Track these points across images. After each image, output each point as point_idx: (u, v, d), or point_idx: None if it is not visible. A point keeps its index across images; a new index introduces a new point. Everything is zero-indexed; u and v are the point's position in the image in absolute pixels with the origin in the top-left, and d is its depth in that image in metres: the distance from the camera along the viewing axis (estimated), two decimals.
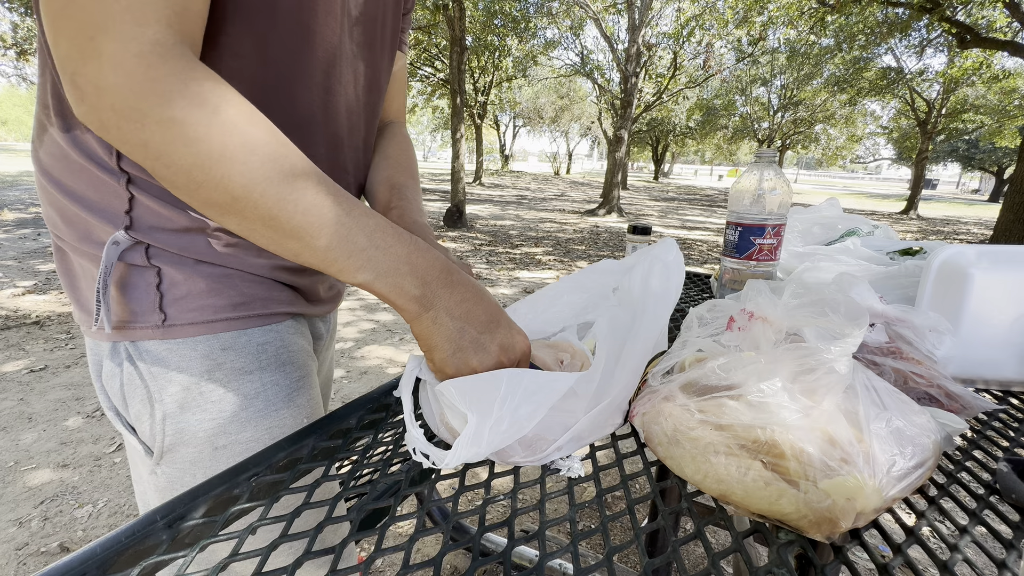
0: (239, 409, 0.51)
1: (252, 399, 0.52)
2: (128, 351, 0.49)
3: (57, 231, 0.49)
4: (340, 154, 0.58)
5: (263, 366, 0.53)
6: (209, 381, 0.50)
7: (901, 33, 9.58)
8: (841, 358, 0.38)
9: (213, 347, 0.50)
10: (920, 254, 0.80)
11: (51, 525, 1.53)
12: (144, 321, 0.48)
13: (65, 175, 0.47)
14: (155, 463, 0.51)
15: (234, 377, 0.51)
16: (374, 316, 3.50)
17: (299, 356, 0.57)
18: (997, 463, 0.41)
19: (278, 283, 0.55)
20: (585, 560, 0.32)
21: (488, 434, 0.38)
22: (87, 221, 0.47)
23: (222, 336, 0.51)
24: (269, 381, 0.53)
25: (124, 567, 0.32)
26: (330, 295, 0.66)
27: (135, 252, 0.47)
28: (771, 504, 0.34)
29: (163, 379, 0.49)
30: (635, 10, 9.49)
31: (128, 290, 0.48)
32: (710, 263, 6.02)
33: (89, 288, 0.49)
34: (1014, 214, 5.30)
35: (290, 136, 0.43)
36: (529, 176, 26.56)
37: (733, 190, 0.78)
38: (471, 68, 16.12)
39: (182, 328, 0.49)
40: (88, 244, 0.47)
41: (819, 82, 17.12)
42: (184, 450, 0.50)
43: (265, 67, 0.47)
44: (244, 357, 0.52)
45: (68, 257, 0.50)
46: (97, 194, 0.46)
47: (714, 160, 41.12)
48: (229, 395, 0.51)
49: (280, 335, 0.55)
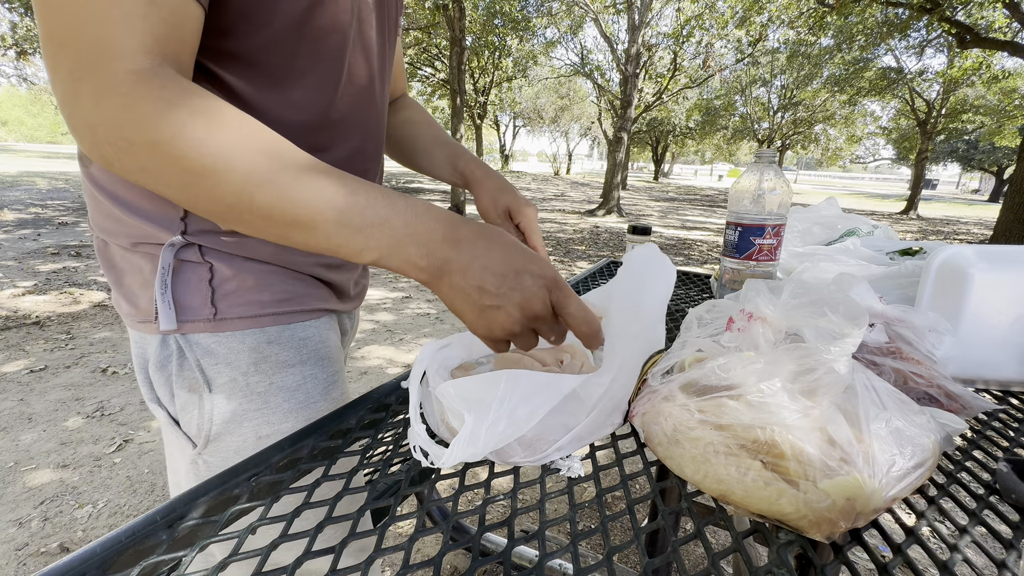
0: (282, 400, 0.54)
1: (294, 391, 0.55)
2: (179, 343, 0.50)
3: (106, 234, 0.52)
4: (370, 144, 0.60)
5: (304, 359, 0.55)
6: (256, 373, 0.52)
7: (901, 33, 9.59)
8: (841, 358, 0.38)
9: (260, 340, 0.52)
10: (920, 254, 0.80)
11: (51, 525, 1.53)
12: (196, 315, 0.50)
13: (119, 187, 0.49)
14: (198, 453, 0.53)
15: (278, 369, 0.53)
16: (374, 316, 3.50)
17: (334, 351, 0.60)
18: (997, 463, 0.41)
19: (316, 280, 0.58)
20: (585, 560, 0.32)
21: (485, 435, 0.38)
22: (141, 227, 0.49)
23: (268, 330, 0.53)
24: (309, 374, 0.56)
25: (124, 567, 0.32)
26: (356, 291, 0.68)
27: (189, 250, 0.49)
28: (771, 504, 0.34)
29: (212, 370, 0.51)
30: (635, 10, 9.49)
31: (181, 285, 0.50)
32: (710, 263, 6.02)
33: (137, 284, 0.51)
34: (1014, 214, 5.30)
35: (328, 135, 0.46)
36: (529, 176, 26.55)
37: (733, 190, 0.78)
38: (471, 68, 16.12)
39: (232, 322, 0.51)
40: (142, 247, 0.50)
41: (819, 82, 17.12)
42: (229, 439, 0.52)
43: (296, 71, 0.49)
44: (288, 351, 0.54)
45: (114, 253, 0.52)
46: (152, 204, 0.48)
47: (714, 160, 41.13)
48: (273, 387, 0.53)
49: (319, 330, 0.58)
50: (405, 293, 4.10)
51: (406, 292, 4.13)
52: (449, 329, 3.32)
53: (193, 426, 0.52)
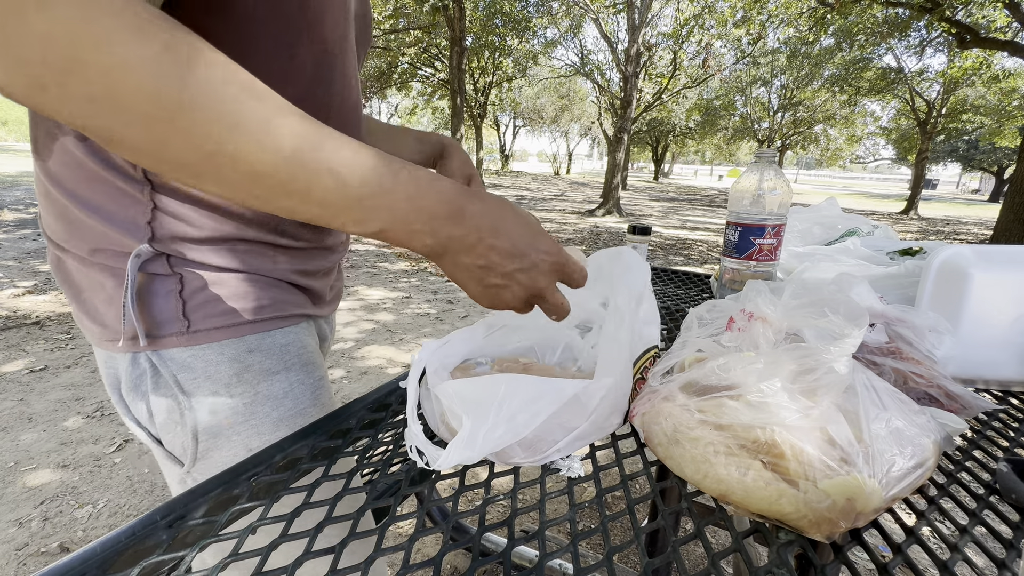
0: (270, 410, 0.51)
1: (282, 399, 0.52)
2: (151, 361, 0.48)
3: (61, 241, 0.48)
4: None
5: (288, 366, 0.53)
6: (239, 384, 0.50)
7: (901, 33, 9.59)
8: (841, 358, 0.38)
9: (239, 350, 0.50)
10: (920, 254, 0.80)
11: (51, 525, 1.53)
12: (167, 329, 0.47)
13: (80, 185, 0.45)
14: (186, 471, 0.51)
15: (263, 378, 0.51)
16: (374, 316, 3.50)
17: (316, 356, 0.58)
18: (997, 463, 0.41)
19: (293, 286, 0.56)
20: (585, 560, 0.32)
21: (482, 439, 0.38)
22: (102, 232, 0.45)
23: (247, 339, 0.50)
24: (296, 380, 0.54)
25: (124, 567, 0.32)
26: (332, 295, 0.67)
27: (156, 262, 0.46)
28: (771, 504, 0.34)
29: (191, 386, 0.48)
30: (635, 10, 9.49)
31: (149, 298, 0.46)
32: (710, 263, 6.02)
33: (99, 300, 0.47)
34: (1014, 214, 5.30)
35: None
36: (529, 176, 26.56)
37: (733, 190, 0.78)
38: (471, 68, 16.11)
39: (207, 333, 0.48)
40: (101, 255, 0.46)
41: (819, 82, 17.13)
42: (217, 455, 0.50)
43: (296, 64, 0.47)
44: (270, 358, 0.52)
45: (70, 268, 0.49)
46: (116, 204, 0.45)
47: (714, 160, 41.13)
48: (259, 396, 0.51)
49: (298, 336, 0.56)
50: (405, 293, 4.10)
51: (406, 292, 4.13)
52: (449, 329, 3.31)
53: (178, 445, 0.50)
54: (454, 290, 4.22)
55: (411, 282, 4.45)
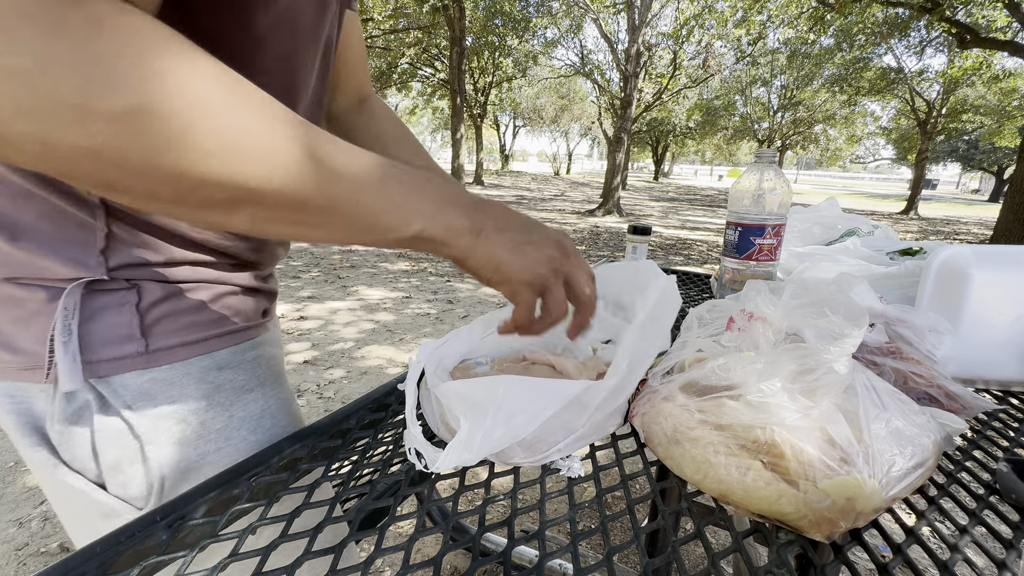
0: (247, 433, 0.47)
1: (259, 419, 0.48)
2: (96, 390, 0.40)
3: None
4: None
5: (262, 381, 0.50)
6: (210, 408, 0.45)
7: (901, 33, 9.59)
8: (841, 358, 0.38)
9: (209, 367, 0.45)
10: (920, 254, 0.80)
11: (51, 525, 1.52)
12: (120, 351, 0.40)
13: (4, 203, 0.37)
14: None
15: (237, 398, 0.47)
16: (374, 316, 3.50)
17: (281, 365, 0.56)
18: (997, 463, 0.41)
19: (257, 291, 0.52)
20: (585, 560, 0.32)
21: (480, 441, 0.38)
22: (29, 260, 0.38)
23: (217, 355, 0.46)
24: (271, 395, 0.51)
25: (124, 567, 0.32)
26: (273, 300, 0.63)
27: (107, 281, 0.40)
28: (771, 504, 0.34)
29: (151, 415, 0.42)
30: (635, 10, 9.49)
31: (96, 317, 0.39)
32: (710, 263, 6.02)
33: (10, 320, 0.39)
34: (1014, 214, 5.30)
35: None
36: (529, 176, 26.56)
37: (733, 190, 0.78)
38: (471, 68, 16.12)
39: (171, 352, 0.42)
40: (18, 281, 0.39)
41: (819, 82, 17.13)
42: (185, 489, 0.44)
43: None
44: (243, 373, 0.48)
45: None
46: (55, 226, 0.38)
47: (714, 160, 41.14)
48: (235, 419, 0.46)
49: (264, 347, 0.52)
50: (405, 293, 4.10)
51: (406, 292, 4.13)
52: (449, 329, 3.31)
53: (132, 487, 0.42)
54: (454, 290, 4.22)
55: (411, 282, 4.45)
